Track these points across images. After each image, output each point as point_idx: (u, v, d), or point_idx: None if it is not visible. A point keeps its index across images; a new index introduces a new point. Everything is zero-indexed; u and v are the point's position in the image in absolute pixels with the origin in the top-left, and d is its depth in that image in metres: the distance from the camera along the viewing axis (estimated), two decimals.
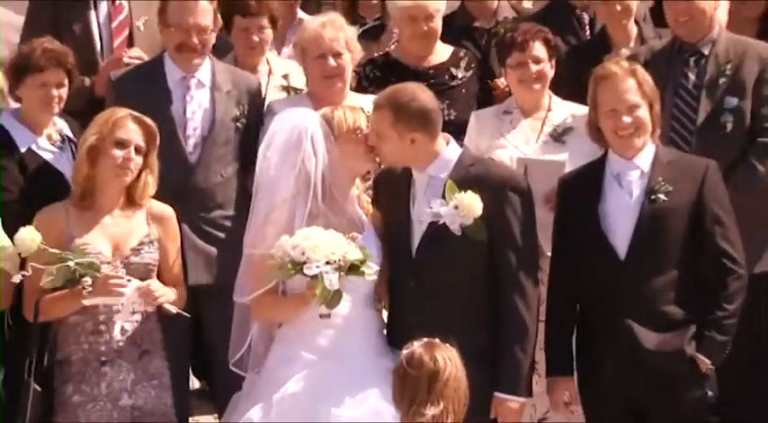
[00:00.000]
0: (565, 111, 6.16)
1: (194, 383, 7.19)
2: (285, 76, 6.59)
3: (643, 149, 5.46)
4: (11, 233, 5.48)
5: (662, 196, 5.41)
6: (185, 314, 5.55)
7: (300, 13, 7.46)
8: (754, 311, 5.93)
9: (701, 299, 5.44)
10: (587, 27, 7.18)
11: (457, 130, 5.97)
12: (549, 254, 5.68)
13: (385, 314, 5.57)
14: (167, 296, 5.45)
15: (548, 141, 6.13)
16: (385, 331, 5.48)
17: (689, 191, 5.42)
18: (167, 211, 5.63)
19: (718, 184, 5.47)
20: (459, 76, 6.66)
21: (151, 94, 6.06)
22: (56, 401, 5.39)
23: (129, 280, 5.37)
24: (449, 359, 4.68)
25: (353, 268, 5.13)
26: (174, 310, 5.47)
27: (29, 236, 5.37)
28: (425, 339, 4.75)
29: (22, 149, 5.97)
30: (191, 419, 6.53)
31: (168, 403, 5.51)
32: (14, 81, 6.03)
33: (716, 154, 5.66)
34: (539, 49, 6.13)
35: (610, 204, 5.47)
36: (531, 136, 6.15)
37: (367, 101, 5.76)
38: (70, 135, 6.07)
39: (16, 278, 5.45)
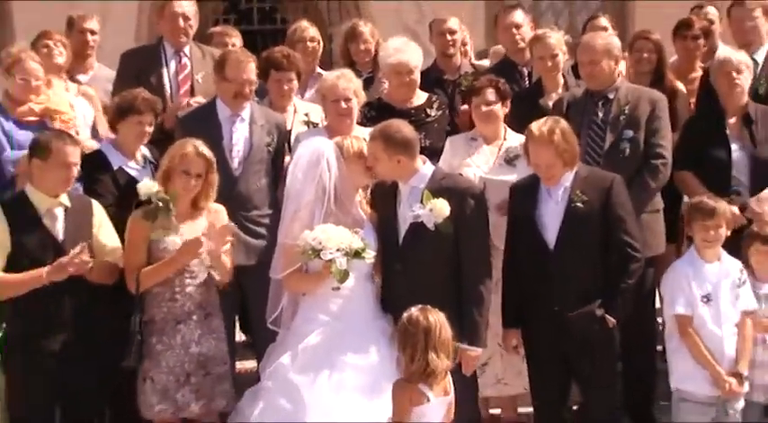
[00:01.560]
0: (516, 140, 6.65)
1: (241, 337, 7.70)
2: (306, 114, 7.22)
3: (565, 174, 6.02)
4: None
5: (579, 204, 5.97)
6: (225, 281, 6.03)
7: (318, 69, 8.13)
8: (643, 286, 6.65)
9: (608, 278, 5.99)
10: (527, 78, 7.81)
11: (431, 153, 6.48)
12: (501, 247, 6.22)
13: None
14: (227, 246, 6.00)
15: (501, 164, 6.69)
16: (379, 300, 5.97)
17: (599, 198, 5.96)
18: (219, 207, 6.21)
19: (621, 192, 6.02)
20: (432, 114, 7.24)
21: (207, 128, 6.63)
22: (144, 350, 6.00)
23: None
24: (438, 319, 5.26)
25: (357, 254, 5.72)
26: (229, 242, 5.95)
27: (152, 186, 5.97)
28: (420, 305, 5.30)
29: (115, 168, 6.53)
30: (237, 364, 6.98)
31: (225, 350, 6.14)
32: (117, 118, 6.60)
33: (617, 173, 6.21)
34: (490, 94, 6.73)
35: (543, 209, 6.03)
36: (490, 158, 6.69)
37: (366, 132, 6.27)
38: (151, 159, 6.66)
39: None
